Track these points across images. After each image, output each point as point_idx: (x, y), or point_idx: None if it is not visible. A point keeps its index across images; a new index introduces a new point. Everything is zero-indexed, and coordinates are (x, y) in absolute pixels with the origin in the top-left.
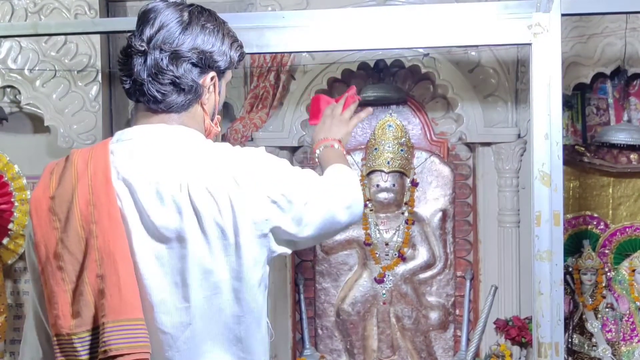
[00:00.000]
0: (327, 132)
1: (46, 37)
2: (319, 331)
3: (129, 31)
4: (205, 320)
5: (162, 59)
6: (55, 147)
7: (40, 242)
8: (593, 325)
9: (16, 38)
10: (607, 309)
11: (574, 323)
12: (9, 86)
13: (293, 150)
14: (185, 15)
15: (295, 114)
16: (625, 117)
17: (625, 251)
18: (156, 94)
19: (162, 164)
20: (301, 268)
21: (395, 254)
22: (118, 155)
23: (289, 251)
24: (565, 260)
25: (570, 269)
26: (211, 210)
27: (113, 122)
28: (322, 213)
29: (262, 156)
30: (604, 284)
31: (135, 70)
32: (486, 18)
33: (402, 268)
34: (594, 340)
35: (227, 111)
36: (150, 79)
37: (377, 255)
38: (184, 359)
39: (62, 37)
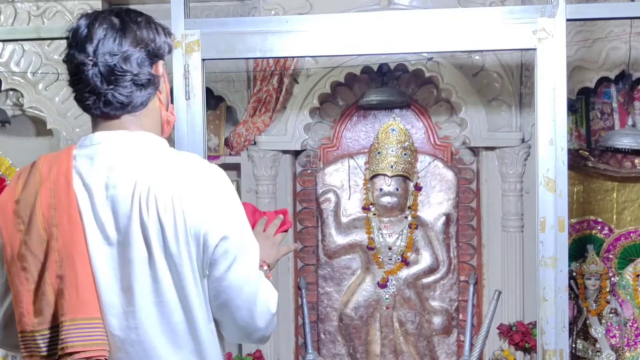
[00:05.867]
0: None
1: (49, 41)
2: (322, 335)
3: None
4: (153, 325)
5: (115, 64)
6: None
7: (6, 244)
8: (597, 331)
9: (19, 41)
10: (611, 314)
11: (578, 328)
12: (11, 89)
13: (296, 153)
14: (115, 20)
15: (298, 117)
16: (630, 122)
17: (630, 256)
18: (122, 97)
19: (120, 171)
20: (304, 272)
21: (399, 259)
22: (80, 160)
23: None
24: (569, 265)
25: (574, 274)
26: (156, 219)
27: None
28: (241, 277)
29: (221, 188)
30: (608, 289)
31: (93, 83)
32: (491, 23)
33: (405, 272)
34: (598, 345)
35: (230, 115)
36: (112, 86)
37: (380, 260)
38: None
39: (65, 40)
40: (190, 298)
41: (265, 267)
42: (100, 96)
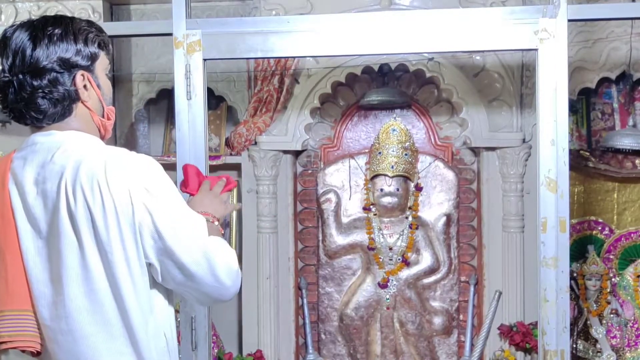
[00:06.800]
0: (208, 208)
1: None
2: (322, 336)
3: (132, 35)
4: (83, 314)
5: (25, 80)
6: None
7: None
8: (598, 331)
9: None
10: (611, 315)
11: (579, 329)
12: None
13: (296, 154)
14: (30, 34)
15: (299, 117)
16: (631, 122)
17: (630, 257)
18: (34, 113)
19: (48, 167)
20: (304, 272)
21: (399, 259)
22: (16, 162)
23: (157, 264)
24: (569, 266)
25: (575, 275)
26: (84, 207)
27: (115, 125)
28: (193, 242)
29: (149, 170)
30: (608, 290)
31: (10, 98)
32: (492, 23)
33: (405, 273)
34: (598, 346)
35: (231, 115)
36: (23, 103)
37: (381, 260)
38: (64, 352)
39: None
40: (122, 287)
41: (216, 223)
42: (15, 111)
